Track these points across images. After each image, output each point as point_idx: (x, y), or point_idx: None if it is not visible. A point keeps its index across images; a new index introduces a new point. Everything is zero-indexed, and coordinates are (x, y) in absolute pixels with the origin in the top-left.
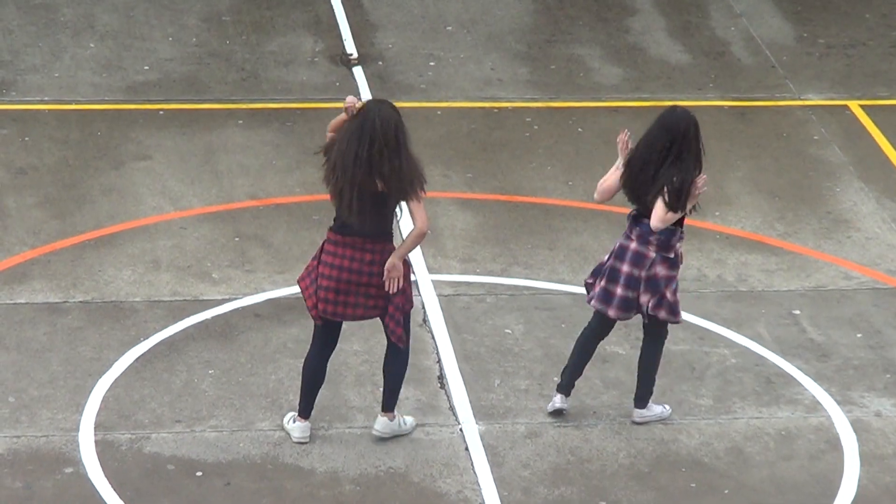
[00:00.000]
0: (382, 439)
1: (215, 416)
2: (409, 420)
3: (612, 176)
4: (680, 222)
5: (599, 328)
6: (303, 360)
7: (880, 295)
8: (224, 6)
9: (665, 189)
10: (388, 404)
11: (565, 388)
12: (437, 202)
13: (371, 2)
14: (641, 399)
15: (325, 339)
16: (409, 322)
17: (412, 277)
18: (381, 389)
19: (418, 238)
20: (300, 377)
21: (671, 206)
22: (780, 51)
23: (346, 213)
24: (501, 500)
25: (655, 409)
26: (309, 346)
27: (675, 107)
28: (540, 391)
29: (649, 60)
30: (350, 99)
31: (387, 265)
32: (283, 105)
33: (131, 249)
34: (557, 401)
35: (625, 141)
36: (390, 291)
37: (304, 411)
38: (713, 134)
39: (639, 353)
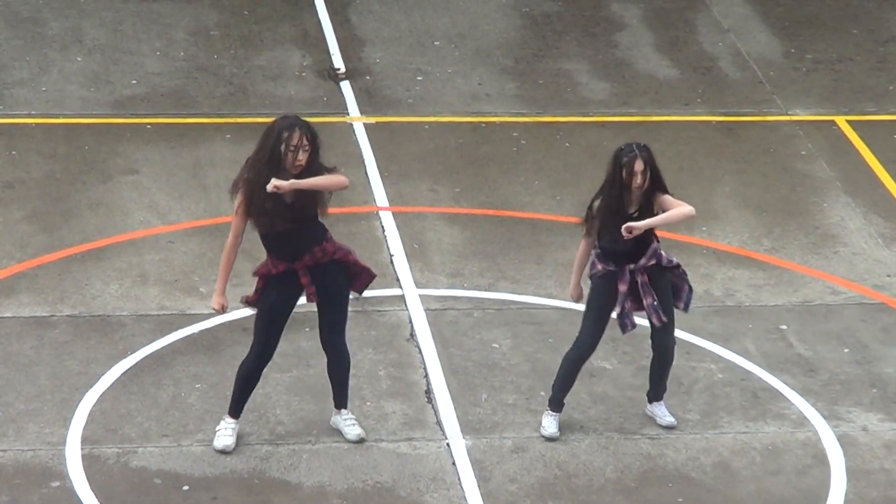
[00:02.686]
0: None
1: (203, 430)
2: (354, 432)
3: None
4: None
5: None
6: (290, 375)
7: (867, 310)
8: (212, 21)
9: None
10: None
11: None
12: (424, 217)
13: (359, 16)
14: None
15: None
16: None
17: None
18: (368, 404)
19: None
20: (287, 392)
21: None
22: (767, 66)
23: None
24: None
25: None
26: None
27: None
28: (527, 405)
29: (637, 75)
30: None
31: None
32: (271, 119)
33: (118, 263)
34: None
35: None
36: None
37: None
38: (700, 149)
39: (629, 367)
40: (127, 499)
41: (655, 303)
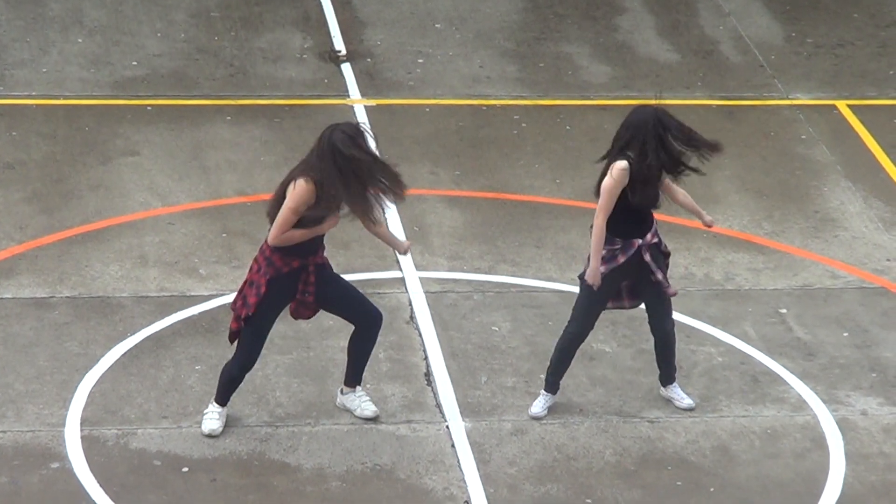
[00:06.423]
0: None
1: (202, 412)
2: (371, 408)
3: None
4: (629, 212)
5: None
6: (289, 357)
7: (867, 294)
8: (213, 2)
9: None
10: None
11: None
12: (424, 199)
13: None
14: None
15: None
16: (242, 325)
17: (259, 280)
18: (368, 386)
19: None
20: (286, 374)
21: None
22: (768, 50)
23: None
24: (487, 497)
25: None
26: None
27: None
28: (526, 388)
29: (638, 59)
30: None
31: None
32: (272, 101)
33: (118, 245)
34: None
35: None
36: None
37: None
38: (701, 132)
39: (628, 350)
40: (126, 480)
41: (662, 277)
